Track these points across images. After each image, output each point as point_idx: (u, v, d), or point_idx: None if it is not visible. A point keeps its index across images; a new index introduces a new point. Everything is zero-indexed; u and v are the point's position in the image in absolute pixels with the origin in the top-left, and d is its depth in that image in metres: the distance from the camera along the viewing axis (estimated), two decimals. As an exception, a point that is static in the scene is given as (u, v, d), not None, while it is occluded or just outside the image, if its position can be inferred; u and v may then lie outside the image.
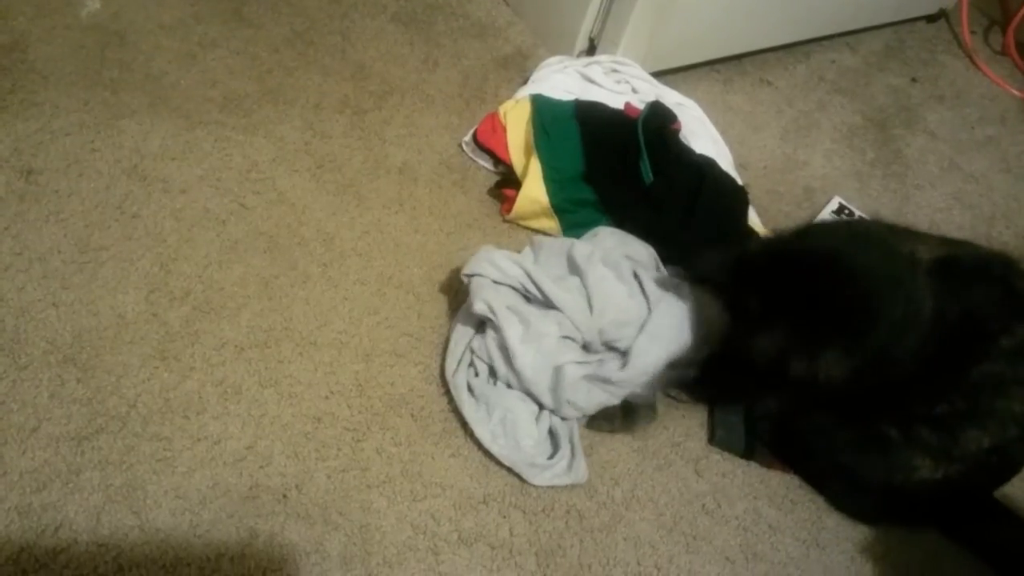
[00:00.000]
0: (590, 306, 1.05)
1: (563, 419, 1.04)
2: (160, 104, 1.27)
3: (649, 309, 1.07)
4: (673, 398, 1.10)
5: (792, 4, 1.56)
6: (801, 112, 1.60)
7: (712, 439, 1.09)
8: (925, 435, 0.95)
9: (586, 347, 1.05)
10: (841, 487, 1.06)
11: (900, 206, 1.49)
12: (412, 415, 1.04)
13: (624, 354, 1.05)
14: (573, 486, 1.01)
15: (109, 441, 0.94)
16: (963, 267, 0.95)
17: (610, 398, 1.05)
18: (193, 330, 1.05)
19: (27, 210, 1.11)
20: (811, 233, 1.05)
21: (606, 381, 1.03)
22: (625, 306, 1.06)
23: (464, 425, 1.03)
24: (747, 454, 1.08)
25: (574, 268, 1.09)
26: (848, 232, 1.01)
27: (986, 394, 0.92)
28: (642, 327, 1.05)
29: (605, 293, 1.06)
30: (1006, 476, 1.01)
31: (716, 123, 1.43)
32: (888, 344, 0.90)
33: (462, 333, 1.06)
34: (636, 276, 1.10)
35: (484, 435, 1.00)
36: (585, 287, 1.07)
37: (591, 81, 1.38)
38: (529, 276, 1.05)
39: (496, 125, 1.29)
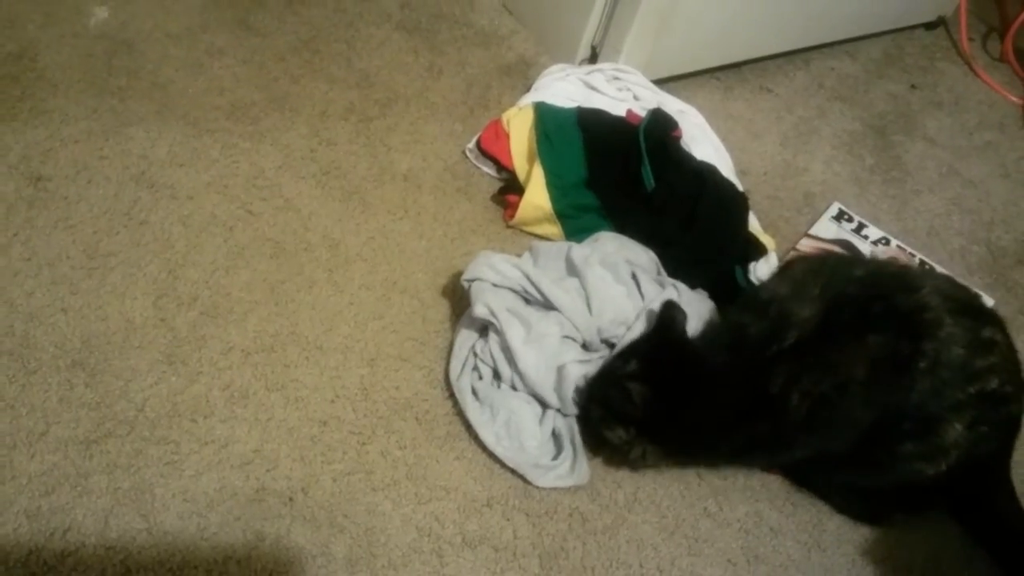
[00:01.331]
0: (589, 306, 1.06)
1: (566, 417, 1.04)
2: (168, 112, 1.29)
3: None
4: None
5: (792, 13, 1.57)
6: (801, 119, 1.61)
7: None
8: (910, 448, 0.97)
9: (586, 346, 1.06)
10: (845, 496, 1.07)
11: (899, 211, 1.50)
12: (417, 419, 1.05)
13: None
14: (576, 489, 1.02)
15: (117, 445, 0.95)
16: (844, 322, 0.96)
17: None
18: (200, 335, 1.06)
19: (36, 216, 1.12)
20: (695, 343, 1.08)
21: None
22: (623, 305, 1.07)
23: (468, 428, 1.03)
24: (748, 458, 1.09)
25: (572, 270, 1.11)
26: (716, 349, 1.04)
27: (932, 405, 0.95)
28: (631, 327, 1.06)
29: (603, 293, 1.07)
30: (1007, 435, 1.02)
31: (717, 130, 1.44)
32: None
33: (466, 337, 1.08)
34: (634, 277, 1.12)
35: (488, 438, 1.01)
36: (584, 288, 1.08)
37: (593, 88, 1.40)
38: (528, 278, 1.06)
39: (499, 132, 1.30)
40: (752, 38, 1.58)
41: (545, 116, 1.28)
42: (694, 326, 1.08)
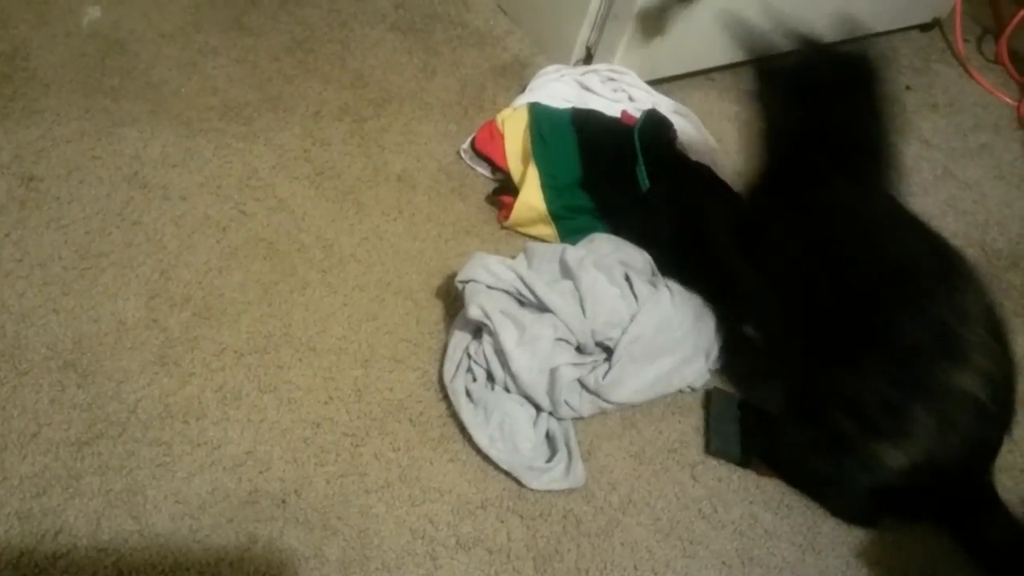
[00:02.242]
0: (583, 308, 1.06)
1: (559, 420, 1.04)
2: (161, 112, 1.28)
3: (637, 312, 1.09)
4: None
5: (786, 14, 1.57)
6: (796, 120, 1.61)
7: (708, 448, 1.10)
8: (877, 419, 0.96)
9: (580, 349, 1.06)
10: (833, 496, 1.07)
11: (894, 213, 1.50)
12: (410, 420, 1.04)
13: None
14: (570, 491, 1.02)
15: (109, 446, 0.95)
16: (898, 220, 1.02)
17: (599, 405, 1.06)
18: (193, 336, 1.05)
19: (28, 217, 1.12)
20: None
21: (594, 393, 1.05)
22: (617, 307, 1.07)
23: (462, 430, 1.03)
24: (743, 462, 1.09)
25: (567, 272, 1.11)
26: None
27: (914, 368, 0.95)
28: (620, 341, 1.06)
29: (597, 295, 1.07)
30: (977, 456, 1.01)
31: (712, 131, 1.44)
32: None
33: (460, 338, 1.07)
34: (628, 279, 1.12)
35: (482, 440, 1.00)
36: (578, 290, 1.08)
37: (588, 89, 1.40)
38: (522, 280, 1.06)
39: (494, 133, 1.30)
40: (747, 39, 1.58)
41: (540, 117, 1.28)
42: (691, 323, 1.10)
